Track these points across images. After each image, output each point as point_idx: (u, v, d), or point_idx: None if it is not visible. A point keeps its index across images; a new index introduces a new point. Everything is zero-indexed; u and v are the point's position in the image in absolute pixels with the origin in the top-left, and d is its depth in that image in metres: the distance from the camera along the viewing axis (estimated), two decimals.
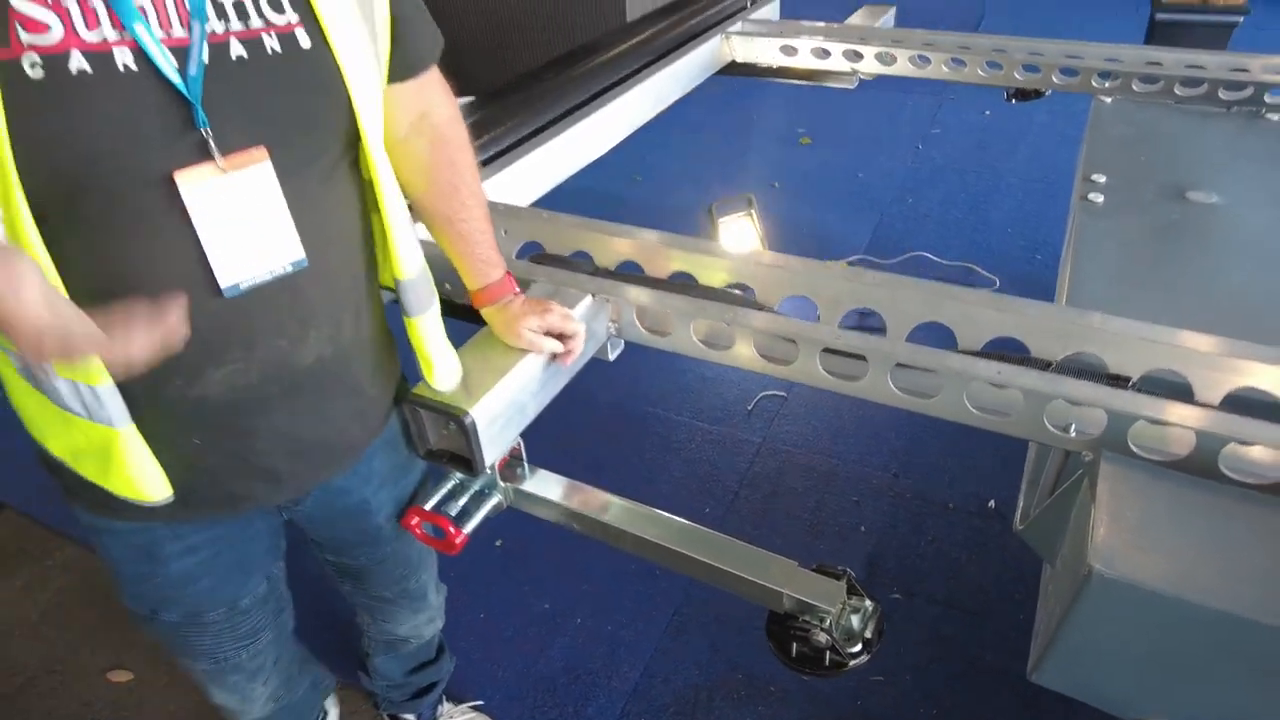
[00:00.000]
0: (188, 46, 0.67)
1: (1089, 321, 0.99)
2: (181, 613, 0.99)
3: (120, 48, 0.65)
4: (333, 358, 0.86)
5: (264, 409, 0.83)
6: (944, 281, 1.06)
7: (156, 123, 0.67)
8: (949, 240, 2.93)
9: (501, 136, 1.77)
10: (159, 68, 0.66)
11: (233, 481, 0.87)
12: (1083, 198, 1.47)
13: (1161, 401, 0.89)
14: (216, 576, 0.99)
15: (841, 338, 1.03)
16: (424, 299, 0.94)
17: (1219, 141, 1.71)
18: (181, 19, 0.67)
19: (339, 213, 0.83)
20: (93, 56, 0.64)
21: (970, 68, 2.15)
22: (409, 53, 0.88)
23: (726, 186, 3.43)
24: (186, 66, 0.67)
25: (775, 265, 1.16)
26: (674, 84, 2.19)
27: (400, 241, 0.87)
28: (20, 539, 2.06)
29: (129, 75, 0.66)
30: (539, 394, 1.06)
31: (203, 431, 0.82)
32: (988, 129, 3.62)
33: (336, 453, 0.94)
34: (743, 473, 2.10)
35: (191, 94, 0.68)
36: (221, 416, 0.81)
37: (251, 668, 1.12)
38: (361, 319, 0.90)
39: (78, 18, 0.63)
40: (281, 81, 0.73)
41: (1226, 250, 1.30)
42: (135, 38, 0.65)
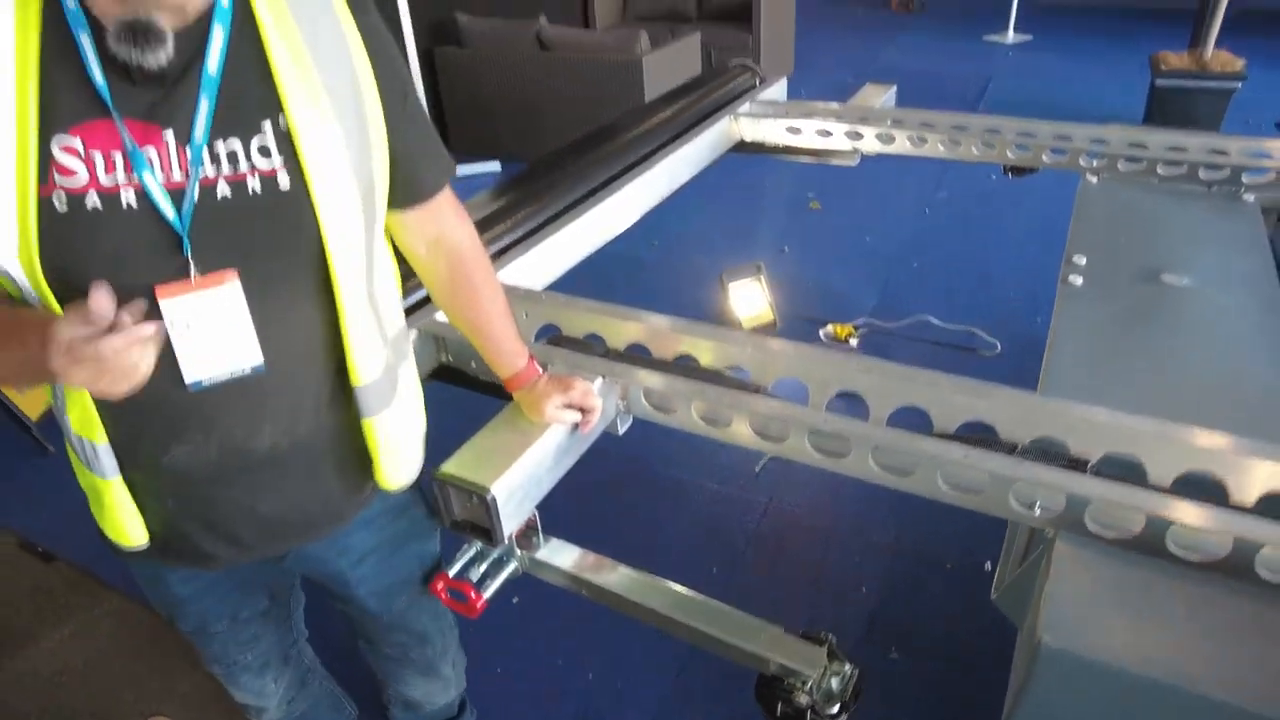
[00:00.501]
0: (183, 190, 0.81)
1: (1051, 407, 1.08)
2: (190, 625, 1.14)
3: (127, 189, 0.80)
4: (289, 447, 0.96)
5: (224, 483, 0.95)
6: (947, 346, 1.17)
7: (148, 248, 0.81)
8: (953, 303, 3.03)
9: (526, 220, 1.91)
10: (157, 207, 0.80)
11: (202, 541, 1.00)
12: (1064, 280, 1.58)
13: (1114, 485, 0.98)
14: (216, 598, 1.13)
15: (827, 421, 1.13)
16: (380, 399, 1.00)
17: (1196, 222, 1.81)
18: (181, 167, 0.81)
19: (303, 324, 0.92)
20: (105, 196, 0.79)
21: (965, 146, 2.28)
22: (415, 183, 1.00)
23: (739, 250, 3.57)
24: (180, 205, 0.81)
25: (769, 349, 1.28)
26: (686, 165, 2.34)
27: (357, 354, 0.95)
28: (70, 589, 2.15)
29: (130, 211, 0.80)
30: (554, 469, 1.17)
31: (174, 495, 0.96)
32: (993, 193, 3.74)
33: (297, 527, 1.04)
34: (749, 532, 2.19)
35: (181, 228, 0.81)
36: (188, 485, 0.94)
37: (257, 665, 1.25)
38: (322, 415, 0.98)
39: (100, 166, 0.79)
40: (258, 216, 0.85)
41: (1193, 333, 1.39)
42: (142, 182, 0.80)
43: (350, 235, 0.90)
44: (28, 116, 0.77)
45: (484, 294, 1.11)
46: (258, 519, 0.99)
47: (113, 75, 0.79)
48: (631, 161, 2.24)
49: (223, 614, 1.16)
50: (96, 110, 0.79)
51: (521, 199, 1.97)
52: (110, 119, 0.79)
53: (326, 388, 0.97)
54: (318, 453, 1.00)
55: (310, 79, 0.85)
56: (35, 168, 0.77)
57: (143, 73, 0.79)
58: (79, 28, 0.78)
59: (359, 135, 0.89)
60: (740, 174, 4.10)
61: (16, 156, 0.77)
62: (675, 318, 1.37)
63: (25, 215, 0.77)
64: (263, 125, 0.84)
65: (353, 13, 0.89)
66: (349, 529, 1.10)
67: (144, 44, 0.77)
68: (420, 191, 1.01)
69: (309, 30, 0.86)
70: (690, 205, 4.08)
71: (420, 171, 1.00)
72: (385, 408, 1.02)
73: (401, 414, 1.05)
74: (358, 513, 1.09)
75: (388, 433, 1.03)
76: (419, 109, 1.00)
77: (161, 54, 0.78)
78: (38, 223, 0.78)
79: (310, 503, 1.03)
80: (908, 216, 3.84)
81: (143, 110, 0.80)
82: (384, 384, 1.01)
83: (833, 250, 3.59)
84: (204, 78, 0.81)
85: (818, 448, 1.15)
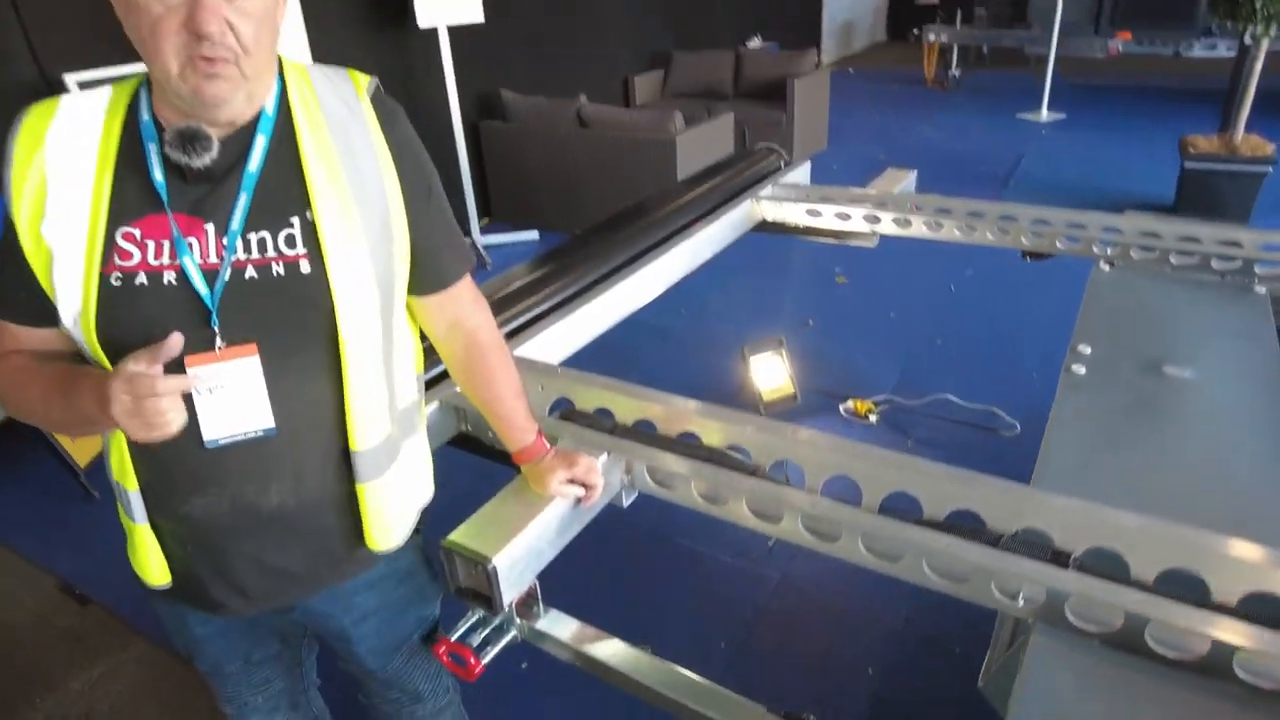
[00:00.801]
0: (217, 271, 0.93)
1: (1037, 499, 1.12)
2: (207, 664, 1.23)
3: (170, 270, 0.92)
4: (295, 505, 1.03)
5: (235, 535, 1.03)
6: (966, 424, 1.21)
7: (182, 320, 0.91)
8: (975, 382, 3.04)
9: (557, 293, 2.02)
10: (193, 285, 0.92)
11: (213, 588, 1.07)
12: (1067, 368, 1.61)
13: (1095, 580, 1.00)
14: (230, 640, 1.21)
15: (819, 505, 1.18)
16: (374, 467, 1.06)
17: (1205, 314, 1.83)
18: (216, 253, 0.93)
19: (312, 393, 1.00)
20: (150, 275, 0.92)
21: (980, 231, 2.34)
22: (435, 273, 1.10)
23: (764, 322, 3.64)
24: (213, 285, 0.92)
25: (768, 431, 1.33)
26: (708, 244, 2.43)
27: (358, 423, 1.02)
28: (101, 632, 2.27)
29: (170, 288, 0.92)
30: (555, 541, 1.23)
31: (192, 542, 1.04)
32: (1019, 274, 3.74)
33: (301, 583, 1.11)
34: (759, 608, 2.20)
35: (211, 304, 0.92)
36: (204, 534, 1.03)
37: (267, 708, 1.31)
38: (327, 477, 1.04)
39: (151, 251, 0.92)
40: (280, 296, 0.95)
41: (1190, 427, 1.41)
42: (182, 265, 0.92)
43: (364, 317, 0.99)
44: (100, 210, 0.91)
45: (497, 375, 1.19)
46: (263, 571, 1.07)
47: (171, 175, 0.92)
48: (657, 239, 2.35)
49: (236, 656, 1.23)
50: (154, 205, 0.92)
51: (552, 273, 2.09)
52: (164, 214, 0.92)
53: (333, 452, 1.04)
54: (321, 512, 1.07)
55: (338, 180, 0.97)
56: (100, 252, 0.90)
57: (192, 172, 0.92)
58: (149, 138, 0.92)
59: (380, 231, 1.00)
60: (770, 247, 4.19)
61: (87, 242, 0.90)
62: (680, 397, 1.44)
63: (89, 290, 0.90)
64: (291, 219, 0.95)
65: (383, 126, 1.02)
66: (355, 588, 1.16)
67: (193, 148, 0.91)
68: (440, 281, 1.12)
69: (341, 138, 0.99)
70: (720, 276, 4.17)
71: (441, 263, 1.11)
72: (378, 475, 1.08)
73: (394, 482, 1.11)
74: (360, 573, 1.15)
75: (377, 498, 1.09)
76: (442, 208, 1.11)
77: (207, 157, 0.91)
78: (97, 296, 0.90)
79: (312, 559, 1.09)
80: (934, 293, 3.88)
81: (190, 205, 0.93)
82: (381, 453, 1.07)
83: (857, 325, 3.64)
84: (245, 175, 0.94)
85: (810, 530, 1.19)
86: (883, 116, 7.79)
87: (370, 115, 1.01)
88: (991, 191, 5.26)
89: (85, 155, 0.91)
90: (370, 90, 1.03)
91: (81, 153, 0.91)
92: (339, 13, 4.35)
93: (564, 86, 5.63)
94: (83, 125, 0.92)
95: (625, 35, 6.60)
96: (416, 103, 4.89)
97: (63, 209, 0.90)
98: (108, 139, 0.92)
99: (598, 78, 6.34)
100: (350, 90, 1.02)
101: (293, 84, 0.99)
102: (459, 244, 1.14)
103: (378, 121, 1.01)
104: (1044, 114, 7.29)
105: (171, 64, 0.86)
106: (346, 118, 1.00)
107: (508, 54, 5.39)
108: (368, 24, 4.53)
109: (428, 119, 4.92)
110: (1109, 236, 2.15)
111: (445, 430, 1.52)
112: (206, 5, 0.83)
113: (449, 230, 1.12)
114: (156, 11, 0.84)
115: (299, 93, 0.99)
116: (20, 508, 2.83)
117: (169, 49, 0.85)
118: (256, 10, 0.88)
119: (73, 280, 0.91)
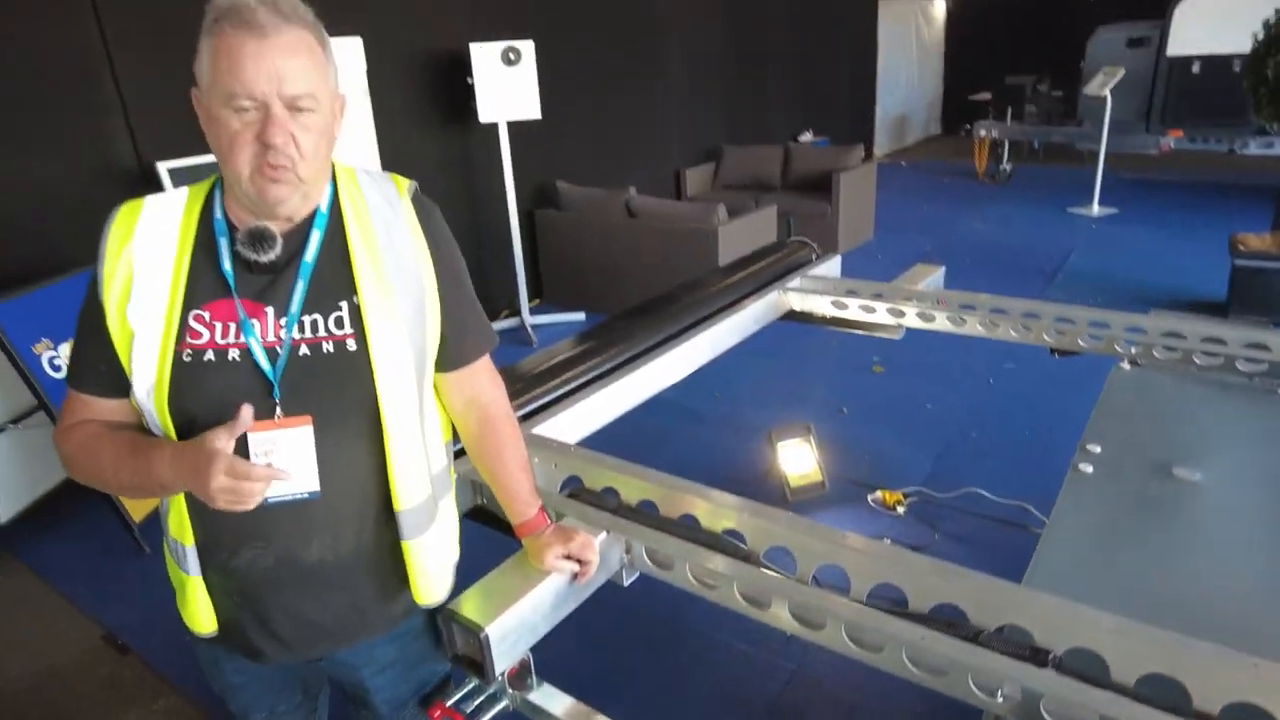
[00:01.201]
0: (277, 348, 1.05)
1: (1019, 596, 1.13)
2: (237, 708, 1.31)
3: (235, 348, 1.05)
4: (334, 561, 1.12)
5: (277, 587, 1.12)
6: (996, 520, 1.22)
7: (245, 392, 1.03)
8: (1008, 477, 2.99)
9: (586, 372, 2.12)
10: (257, 361, 1.04)
11: (255, 636, 1.16)
12: (1074, 467, 1.61)
13: (1070, 681, 1.01)
14: (258, 689, 1.29)
15: (806, 594, 1.21)
16: (419, 525, 1.16)
17: (1225, 416, 1.81)
18: (275, 332, 1.06)
19: (353, 458, 1.09)
20: (218, 352, 1.04)
21: (1003, 328, 2.36)
22: (458, 352, 1.21)
23: (798, 408, 3.67)
24: (274, 362, 1.05)
25: (763, 517, 1.37)
26: (733, 331, 2.51)
27: (400, 484, 1.12)
28: (137, 681, 2.37)
29: (235, 363, 1.04)
30: (550, 615, 1.28)
31: (238, 593, 1.13)
32: (1059, 368, 3.71)
33: (333, 635, 1.19)
34: (772, 700, 2.16)
35: (274, 378, 1.04)
36: (249, 585, 1.11)
37: None
38: (365, 536, 1.13)
39: (219, 331, 1.05)
40: (329, 371, 1.06)
41: (1192, 531, 1.40)
42: (247, 344, 1.04)
43: (401, 389, 1.11)
44: (177, 295, 1.05)
45: (506, 447, 1.29)
46: (302, 622, 1.16)
47: (238, 266, 1.07)
48: (684, 325, 2.45)
49: (263, 706, 1.32)
50: (223, 292, 1.06)
51: (579, 354, 2.19)
52: (232, 299, 1.06)
53: (370, 512, 1.14)
54: (358, 569, 1.16)
55: (381, 268, 1.10)
56: (175, 332, 1.04)
57: (258, 265, 1.06)
58: (220, 233, 1.07)
59: (416, 313, 1.13)
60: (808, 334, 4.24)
61: (164, 323, 1.04)
62: (681, 479, 1.49)
63: (163, 365, 1.04)
64: (340, 303, 1.09)
65: (421, 222, 1.16)
66: (378, 641, 1.24)
67: (261, 246, 1.06)
68: (463, 358, 1.23)
69: (384, 231, 1.13)
70: (756, 361, 4.24)
71: (464, 343, 1.23)
72: (423, 532, 1.18)
73: (438, 539, 1.21)
74: (390, 628, 1.24)
75: (424, 554, 1.19)
76: (468, 294, 1.24)
77: (273, 253, 1.06)
78: (170, 370, 1.03)
79: (348, 613, 1.18)
80: (972, 386, 3.86)
81: (254, 293, 1.07)
82: (422, 512, 1.17)
83: (891, 415, 3.64)
84: (302, 265, 1.08)
85: (798, 617, 1.22)
86: (932, 208, 7.89)
87: (410, 213, 1.16)
88: (1038, 286, 5.24)
89: (166, 249, 1.06)
90: (410, 192, 1.18)
91: (163, 247, 1.06)
92: (406, 110, 4.70)
93: (618, 177, 5.91)
94: (165, 223, 1.08)
95: (679, 130, 6.92)
96: (476, 191, 5.19)
97: (146, 295, 1.04)
98: (185, 234, 1.07)
99: (651, 169, 6.63)
100: (393, 191, 1.17)
101: (343, 185, 1.14)
102: (483, 326, 1.26)
103: (416, 218, 1.16)
104: (1095, 208, 7.28)
105: (244, 169, 1.01)
106: (389, 215, 1.14)
107: (564, 146, 5.70)
108: (432, 120, 4.87)
109: (486, 206, 5.22)
110: (1132, 336, 2.16)
111: (463, 502, 1.60)
112: (276, 121, 0.99)
113: (475, 313, 1.25)
114: (235, 127, 1.00)
115: (348, 193, 1.13)
116: (78, 559, 2.99)
117: (242, 157, 1.01)
118: (316, 126, 1.04)
119: (149, 356, 1.04)
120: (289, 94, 0.99)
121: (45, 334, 2.84)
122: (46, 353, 2.83)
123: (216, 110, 1.00)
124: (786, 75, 8.56)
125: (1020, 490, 2.87)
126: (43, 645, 2.57)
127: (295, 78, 0.99)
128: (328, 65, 1.05)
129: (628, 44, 6.22)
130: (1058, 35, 10.94)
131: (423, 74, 4.76)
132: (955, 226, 7.12)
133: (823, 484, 2.99)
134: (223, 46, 0.98)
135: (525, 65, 4.48)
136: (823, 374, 4.12)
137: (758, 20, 7.90)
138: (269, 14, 0.98)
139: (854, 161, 6.39)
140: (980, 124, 8.85)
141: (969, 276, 5.43)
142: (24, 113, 3.16)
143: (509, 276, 5.15)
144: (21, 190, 3.16)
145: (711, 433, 3.57)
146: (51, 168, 3.24)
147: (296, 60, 1.00)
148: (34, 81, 3.18)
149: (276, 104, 0.99)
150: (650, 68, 6.50)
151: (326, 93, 1.05)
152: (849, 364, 4.19)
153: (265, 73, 0.97)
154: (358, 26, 4.17)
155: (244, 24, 0.97)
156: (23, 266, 3.06)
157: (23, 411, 2.96)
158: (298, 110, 1.01)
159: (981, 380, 3.91)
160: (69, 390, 1.12)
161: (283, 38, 0.99)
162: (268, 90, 0.98)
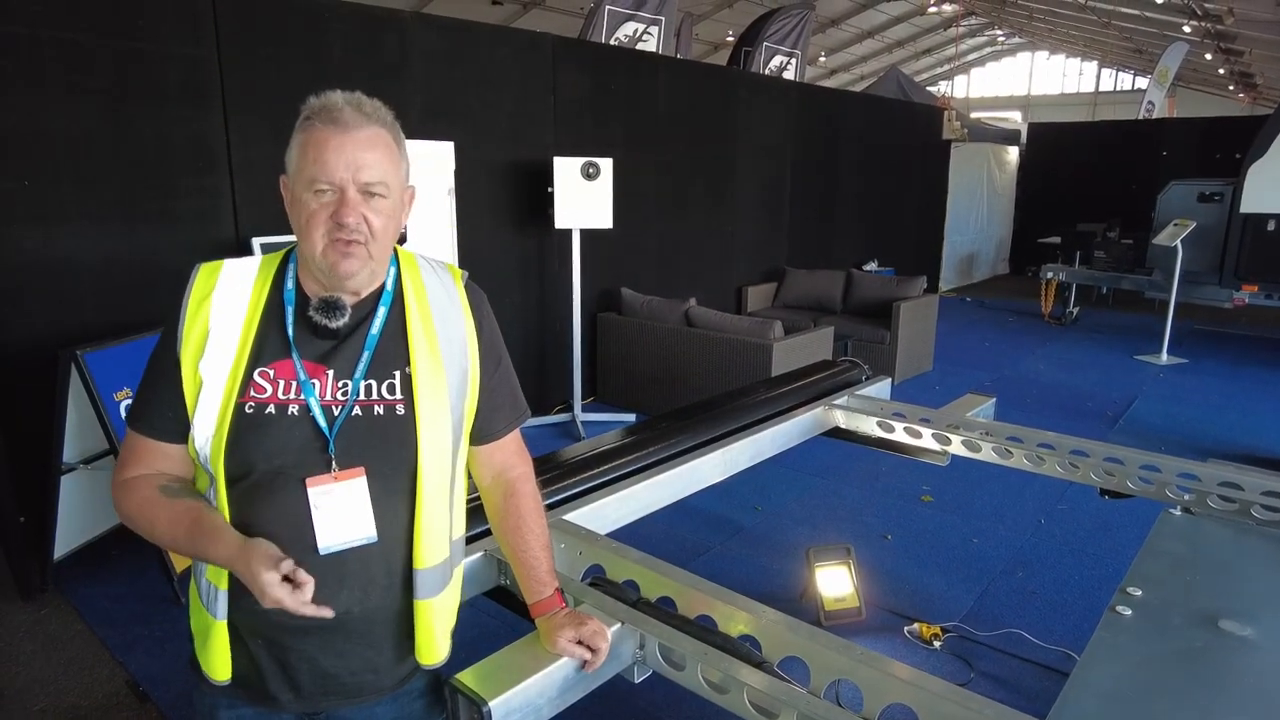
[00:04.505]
0: (334, 408, 1.14)
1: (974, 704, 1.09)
2: None
3: (294, 404, 1.13)
4: (360, 615, 1.16)
5: (302, 636, 1.16)
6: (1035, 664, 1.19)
7: (303, 447, 1.11)
8: (1053, 622, 2.85)
9: (625, 465, 2.16)
10: (316, 418, 1.13)
11: (271, 682, 1.19)
12: (1111, 608, 1.55)
13: None
14: None
15: (815, 707, 1.18)
16: (433, 586, 1.20)
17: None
18: (332, 393, 1.14)
19: (393, 513, 1.16)
20: (279, 406, 1.13)
21: (1049, 463, 2.32)
22: (489, 427, 1.30)
23: (840, 531, 3.60)
24: (333, 420, 1.13)
25: (781, 625, 1.36)
26: (774, 442, 2.53)
27: (425, 544, 1.18)
28: None
29: (294, 418, 1.12)
30: (555, 699, 1.28)
31: (262, 637, 1.17)
32: (1117, 512, 3.58)
33: (347, 688, 1.21)
34: None
35: (330, 435, 1.12)
36: (273, 631, 1.15)
37: None
38: (391, 592, 1.18)
39: (280, 388, 1.14)
40: (379, 432, 1.15)
41: (1236, 689, 1.32)
42: (306, 401, 1.13)
43: (440, 454, 1.19)
44: (245, 353, 1.15)
45: (527, 525, 1.33)
46: (319, 673, 1.19)
47: (301, 329, 1.17)
48: (726, 430, 2.47)
49: None
50: (286, 353, 1.16)
51: (620, 448, 2.24)
52: (293, 359, 1.15)
53: (396, 568, 1.19)
54: (379, 624, 1.20)
55: (433, 343, 1.21)
56: (239, 387, 1.13)
57: (324, 331, 1.17)
58: (289, 301, 1.19)
59: (460, 386, 1.22)
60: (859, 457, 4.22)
61: (229, 378, 1.14)
62: (701, 579, 1.50)
63: (225, 415, 1.12)
64: (394, 372, 1.18)
65: (471, 308, 1.27)
66: (381, 701, 1.25)
67: (332, 313, 1.17)
68: (490, 434, 1.31)
69: (439, 312, 1.24)
70: (802, 479, 4.21)
71: (498, 418, 1.31)
72: (434, 595, 1.22)
73: (444, 604, 1.25)
74: (396, 688, 1.25)
75: (435, 615, 1.22)
76: (505, 372, 1.33)
77: (342, 320, 1.17)
78: (231, 420, 1.12)
79: (362, 668, 1.21)
80: (1022, 524, 3.73)
81: (316, 356, 1.17)
82: (438, 574, 1.22)
83: (937, 546, 3.52)
84: (369, 337, 1.18)
85: None
86: (994, 345, 7.82)
87: (463, 298, 1.27)
88: (1099, 430, 5.09)
89: (239, 310, 1.17)
90: (464, 280, 1.30)
91: (236, 308, 1.17)
92: (488, 212, 5.01)
93: (681, 288, 6.10)
94: (239, 284, 1.19)
95: (744, 248, 7.14)
96: (544, 290, 5.42)
97: (218, 350, 1.14)
98: (257, 298, 1.19)
99: (714, 283, 6.82)
100: (449, 278, 1.28)
101: (405, 268, 1.26)
102: (515, 402, 1.35)
103: (468, 303, 1.27)
104: (1163, 357, 7.12)
105: (318, 244, 1.13)
106: (444, 298, 1.25)
107: (632, 256, 5.95)
108: (511, 222, 5.17)
109: (552, 305, 5.43)
110: (1185, 482, 2.09)
111: (485, 581, 1.63)
112: (350, 203, 1.12)
113: (511, 391, 1.33)
114: (313, 207, 1.12)
115: (409, 274, 1.25)
116: (118, 603, 3.07)
117: (318, 234, 1.13)
118: (386, 210, 1.16)
119: (213, 406, 1.13)
120: (363, 180, 1.12)
121: (128, 383, 3.04)
122: (125, 401, 3.03)
123: (300, 193, 1.13)
124: (854, 205, 8.81)
125: (1064, 636, 2.73)
126: (70, 683, 2.62)
127: (370, 167, 1.12)
128: (400, 159, 1.19)
129: (701, 164, 6.54)
130: (1129, 186, 11.04)
131: (506, 179, 5.09)
132: (1016, 364, 7.03)
133: (859, 610, 2.89)
134: (311, 139, 1.12)
135: (603, 180, 4.76)
136: (870, 499, 4.04)
137: (829, 151, 8.23)
138: (353, 113, 1.12)
139: (916, 291, 6.45)
140: (1048, 266, 8.85)
141: (1026, 414, 5.32)
142: (149, 189, 3.52)
143: (565, 373, 5.29)
144: (135, 256, 3.48)
145: (749, 547, 3.52)
146: (163, 237, 3.56)
147: (373, 153, 1.13)
148: (162, 164, 3.55)
149: (351, 188, 1.12)
150: (721, 187, 6.80)
151: (397, 183, 1.18)
152: (897, 491, 4.11)
153: (345, 162, 1.11)
154: (452, 132, 4.55)
155: (331, 120, 1.11)
156: (124, 322, 3.32)
157: (94, 454, 3.13)
158: (370, 195, 1.13)
159: (1032, 519, 3.77)
160: (129, 432, 1.20)
161: (362, 133, 1.12)
162: (345, 177, 1.11)
